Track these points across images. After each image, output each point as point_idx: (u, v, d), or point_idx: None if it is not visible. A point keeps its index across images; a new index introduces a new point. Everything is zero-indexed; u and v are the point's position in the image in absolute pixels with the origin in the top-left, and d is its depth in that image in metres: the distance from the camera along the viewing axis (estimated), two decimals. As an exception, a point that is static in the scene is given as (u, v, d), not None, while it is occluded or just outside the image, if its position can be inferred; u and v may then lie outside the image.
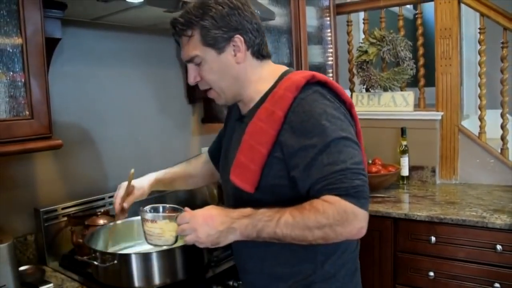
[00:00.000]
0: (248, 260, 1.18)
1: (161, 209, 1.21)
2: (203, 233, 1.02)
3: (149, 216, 1.16)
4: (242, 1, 1.09)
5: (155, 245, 1.17)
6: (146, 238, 1.17)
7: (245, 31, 1.08)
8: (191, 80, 1.14)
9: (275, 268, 1.12)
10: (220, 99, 1.16)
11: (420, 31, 2.55)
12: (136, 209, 1.26)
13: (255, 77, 1.13)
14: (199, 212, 1.06)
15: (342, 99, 1.08)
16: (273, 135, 1.02)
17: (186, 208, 1.12)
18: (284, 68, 1.17)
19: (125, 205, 1.29)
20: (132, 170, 1.29)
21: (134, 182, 1.33)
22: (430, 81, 2.57)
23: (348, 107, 1.09)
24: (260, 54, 1.13)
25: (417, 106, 2.61)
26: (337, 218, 0.94)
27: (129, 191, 1.31)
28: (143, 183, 1.35)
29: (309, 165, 0.98)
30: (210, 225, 1.02)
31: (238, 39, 1.07)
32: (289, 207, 0.99)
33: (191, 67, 1.12)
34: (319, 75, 1.07)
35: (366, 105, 2.69)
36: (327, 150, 0.97)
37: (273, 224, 0.98)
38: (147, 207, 1.20)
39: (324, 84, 1.06)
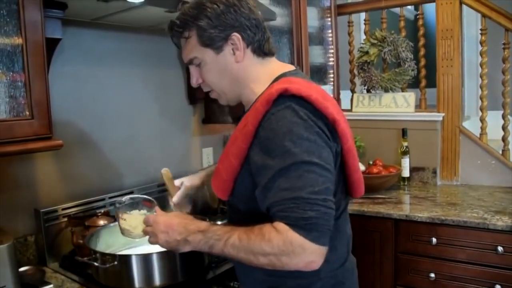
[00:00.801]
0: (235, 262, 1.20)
1: (137, 201, 1.27)
2: (162, 239, 1.07)
3: (121, 213, 1.22)
4: None
5: (129, 238, 1.24)
6: (121, 231, 1.23)
7: (243, 28, 1.04)
8: (193, 82, 1.12)
9: (251, 272, 1.11)
10: (221, 99, 1.15)
11: (421, 32, 2.54)
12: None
13: (254, 77, 1.08)
14: (162, 218, 1.09)
15: (323, 115, 0.97)
16: (244, 148, 0.99)
17: (156, 208, 1.17)
18: (285, 69, 1.12)
19: (175, 199, 1.31)
20: (163, 170, 1.35)
21: (186, 179, 1.36)
22: (431, 82, 2.56)
23: (331, 123, 0.98)
24: (262, 51, 1.09)
25: (418, 107, 2.60)
26: (282, 248, 0.90)
27: (176, 187, 1.34)
28: (194, 177, 1.38)
29: (267, 186, 0.94)
30: (169, 233, 1.05)
31: (236, 37, 1.04)
32: (240, 228, 0.97)
33: (192, 68, 1.11)
34: (294, 88, 0.96)
35: (367, 106, 2.69)
36: (286, 174, 0.91)
37: (222, 244, 0.98)
38: (126, 198, 1.27)
39: (300, 98, 0.95)
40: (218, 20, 1.03)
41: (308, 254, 0.90)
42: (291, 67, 1.14)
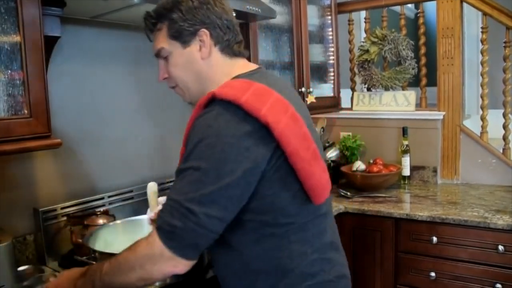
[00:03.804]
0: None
1: None
2: None
3: None
4: None
5: None
6: None
7: (213, 25, 1.05)
8: (160, 77, 1.14)
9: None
10: (185, 96, 1.15)
11: (421, 30, 2.54)
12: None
13: (217, 76, 1.07)
14: (53, 282, 1.08)
15: (254, 118, 0.90)
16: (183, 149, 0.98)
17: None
18: (245, 69, 1.08)
19: (151, 216, 1.26)
20: (151, 183, 1.31)
21: None
22: (432, 80, 2.56)
23: (264, 126, 0.90)
24: (231, 51, 1.08)
25: (418, 106, 2.60)
26: (145, 252, 0.89)
27: (157, 203, 1.30)
28: None
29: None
30: None
31: (204, 33, 1.04)
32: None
33: (160, 63, 1.12)
34: (222, 92, 0.93)
35: (367, 104, 2.68)
36: (181, 175, 0.91)
37: (98, 277, 0.96)
38: None
39: (228, 102, 0.91)
40: (189, 14, 1.04)
41: (165, 260, 0.88)
42: (253, 67, 1.11)
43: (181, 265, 0.90)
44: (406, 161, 2.45)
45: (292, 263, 0.98)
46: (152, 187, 1.30)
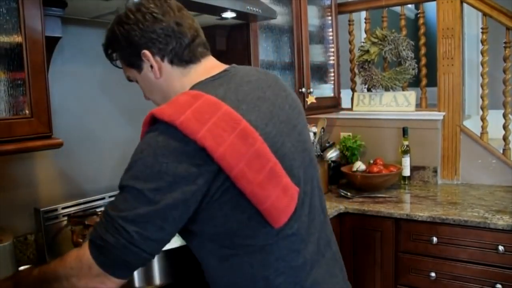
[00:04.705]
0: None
1: None
2: None
3: None
4: (142, 10, 0.99)
5: None
6: None
7: (151, 42, 0.99)
8: (145, 98, 1.16)
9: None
10: None
11: (422, 30, 2.54)
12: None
13: (177, 89, 1.01)
14: None
15: (191, 140, 0.84)
16: None
17: None
18: (205, 75, 1.00)
19: None
20: None
21: None
22: (432, 81, 2.56)
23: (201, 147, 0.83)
24: (181, 60, 1.01)
25: (418, 106, 2.60)
26: (72, 265, 0.87)
27: None
28: None
29: None
30: None
31: (145, 54, 0.99)
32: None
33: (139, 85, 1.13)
34: (159, 111, 0.89)
35: (367, 105, 2.69)
36: (120, 192, 0.88)
37: (25, 280, 0.96)
38: None
39: (165, 123, 0.87)
40: (126, 41, 1.00)
41: (93, 276, 0.85)
42: (217, 70, 1.02)
43: (108, 282, 0.86)
44: (406, 162, 2.46)
45: (254, 287, 0.95)
46: None
